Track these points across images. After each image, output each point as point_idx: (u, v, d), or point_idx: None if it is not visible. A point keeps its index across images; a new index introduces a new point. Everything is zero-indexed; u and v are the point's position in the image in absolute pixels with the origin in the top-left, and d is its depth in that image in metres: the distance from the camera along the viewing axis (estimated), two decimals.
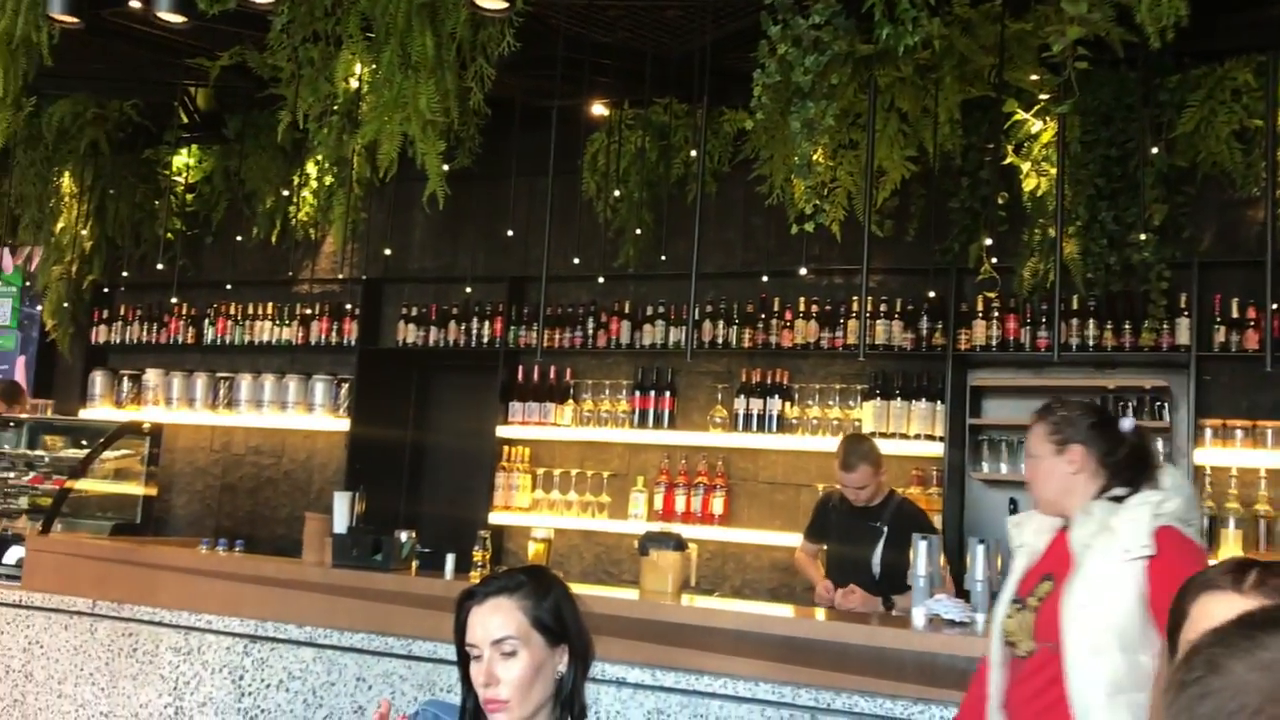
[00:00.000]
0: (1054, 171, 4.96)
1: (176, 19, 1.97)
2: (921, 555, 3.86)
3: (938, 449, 5.62)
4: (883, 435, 5.66)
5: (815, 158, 4.40)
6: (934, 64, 4.96)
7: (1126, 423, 2.73)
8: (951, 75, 5.07)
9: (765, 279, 5.96)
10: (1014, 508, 5.63)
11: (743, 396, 6.00)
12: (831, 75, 3.90)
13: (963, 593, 4.02)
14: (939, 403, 5.65)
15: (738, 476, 6.15)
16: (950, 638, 3.54)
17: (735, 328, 6.03)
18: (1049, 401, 2.78)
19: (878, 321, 5.71)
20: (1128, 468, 2.64)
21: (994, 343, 5.57)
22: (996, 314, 5.58)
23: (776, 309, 5.99)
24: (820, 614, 4.19)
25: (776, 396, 5.92)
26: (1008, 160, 5.44)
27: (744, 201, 6.19)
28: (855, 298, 5.83)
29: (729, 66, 5.34)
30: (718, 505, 6.03)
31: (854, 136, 5.35)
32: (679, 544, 4.19)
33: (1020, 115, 5.41)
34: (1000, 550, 3.98)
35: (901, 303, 5.75)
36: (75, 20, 2.11)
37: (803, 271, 5.62)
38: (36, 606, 4.90)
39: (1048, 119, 5.29)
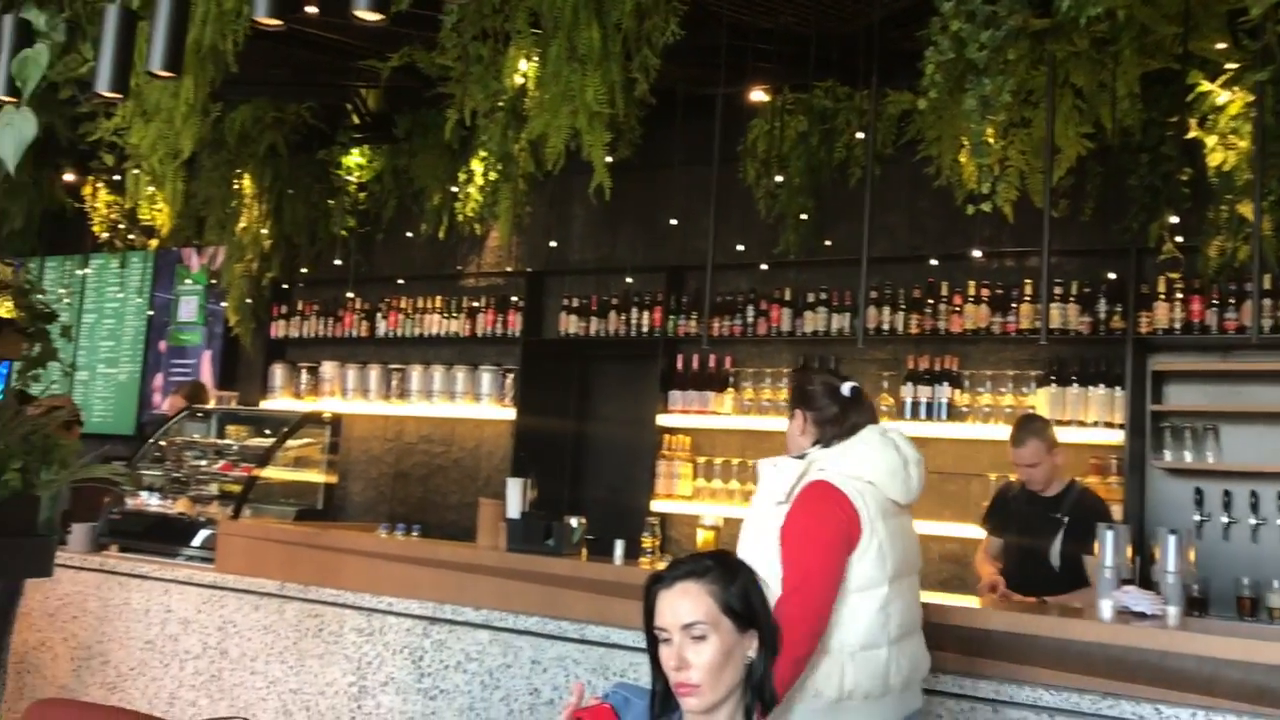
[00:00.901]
0: (1243, 145, 4.69)
1: (373, 16, 2.03)
2: (1108, 546, 3.71)
3: (1117, 436, 5.41)
4: (1059, 423, 5.45)
5: (987, 137, 4.27)
6: (1112, 36, 4.75)
7: (845, 388, 3.10)
8: (1131, 48, 4.84)
9: (934, 262, 5.82)
10: (1199, 498, 5.39)
11: (910, 384, 5.88)
12: (1008, 50, 3.77)
13: (1147, 584, 3.85)
14: (1118, 389, 5.43)
15: None
16: (1141, 630, 3.40)
17: (902, 313, 5.91)
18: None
19: (1053, 305, 5.51)
20: (832, 429, 3.01)
21: (1177, 325, 5.32)
22: (1180, 295, 5.32)
23: (945, 293, 5.85)
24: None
25: (945, 383, 5.79)
26: (1191, 134, 5.18)
27: (909, 184, 6.06)
28: (1028, 280, 5.65)
29: (893, 46, 5.23)
30: None
31: (1026, 114, 5.17)
32: None
33: (1205, 86, 5.14)
34: (1191, 541, 3.82)
35: (1078, 285, 5.55)
36: (278, 23, 2.20)
37: (976, 254, 5.48)
38: (229, 588, 5.16)
39: (1236, 89, 5.01)
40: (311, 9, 5.29)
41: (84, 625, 5.53)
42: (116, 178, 7.24)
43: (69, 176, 8.29)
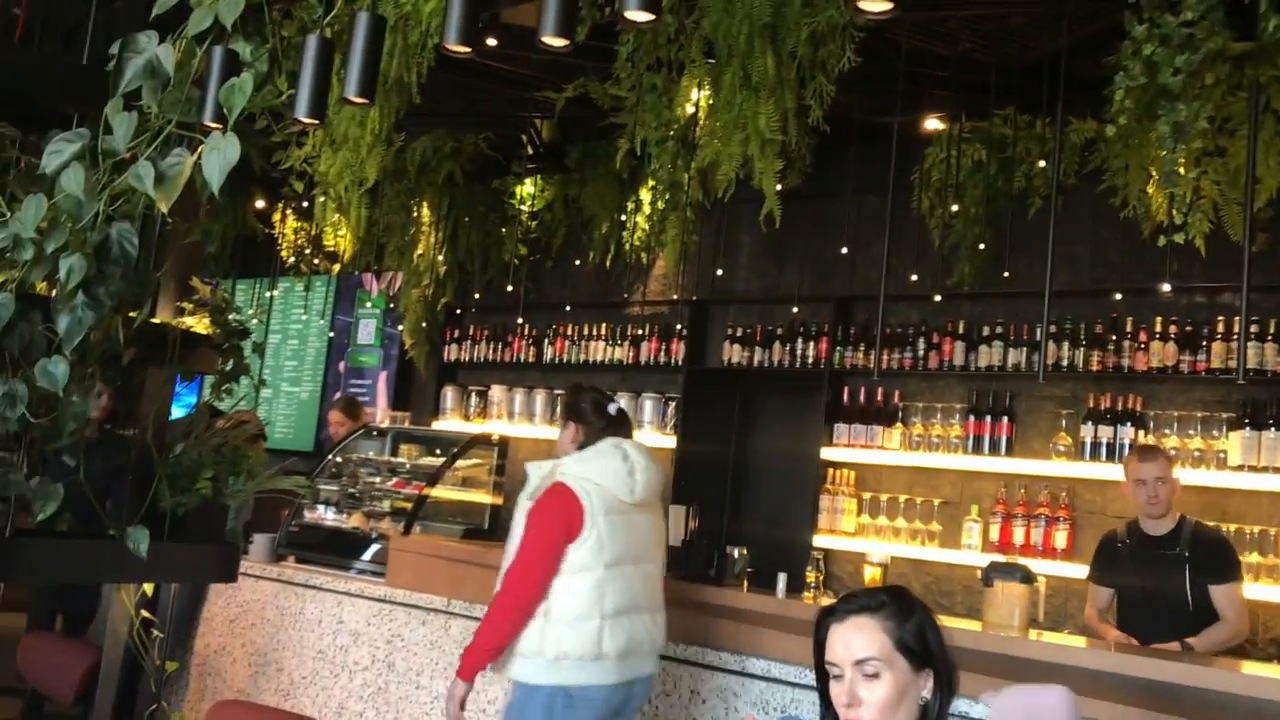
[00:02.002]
0: None
1: (559, 42, 2.07)
2: None
3: None
4: (1252, 469, 5.16)
5: (1179, 166, 4.07)
6: None
7: (612, 407, 3.79)
8: None
9: (1118, 297, 5.57)
10: None
11: (1090, 423, 5.62)
12: (1205, 75, 3.59)
13: None
14: None
15: (1083, 509, 5.77)
16: None
17: (1082, 349, 5.67)
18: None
19: (1249, 343, 5.20)
20: (588, 439, 3.70)
21: None
22: None
23: (1129, 329, 5.59)
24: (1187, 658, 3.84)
25: (1129, 424, 5.52)
26: None
27: (1091, 215, 5.83)
28: (1220, 317, 5.35)
29: (1078, 74, 5.05)
30: (1060, 538, 5.69)
31: (1221, 143, 4.92)
32: (1026, 576, 3.97)
33: None
34: None
35: (1276, 323, 5.22)
36: (467, 50, 2.27)
37: (1165, 288, 5.22)
38: (399, 602, 5.30)
39: None
40: (492, 41, 5.47)
41: (261, 633, 5.77)
42: (304, 205, 7.59)
43: (260, 203, 8.75)
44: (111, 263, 2.75)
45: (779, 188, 4.73)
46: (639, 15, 1.90)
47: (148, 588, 3.89)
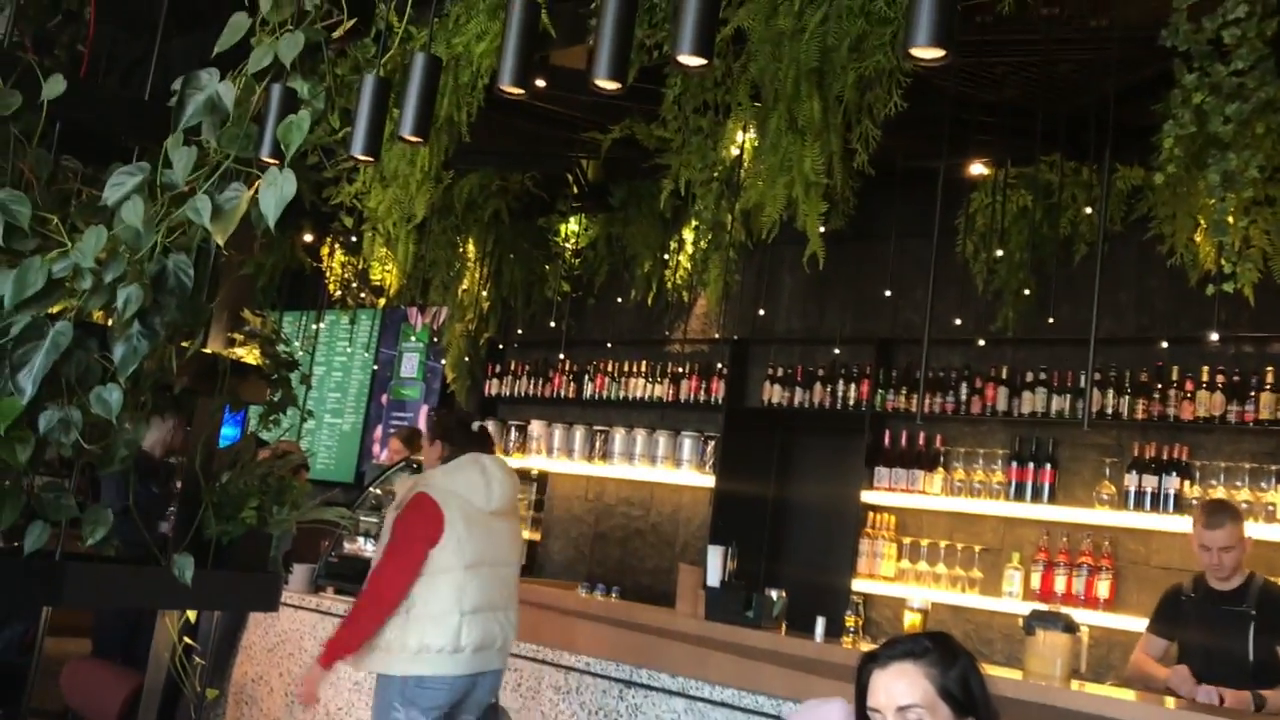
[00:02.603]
0: None
1: (612, 85, 2.10)
2: None
3: None
4: None
5: (1228, 216, 4.04)
6: None
7: (475, 425, 4.34)
8: None
9: (1164, 345, 5.52)
10: None
11: (1134, 472, 5.56)
12: (1256, 124, 3.57)
13: None
14: None
15: (1126, 559, 5.69)
16: None
17: (1127, 397, 5.62)
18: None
19: None
20: (450, 455, 4.14)
21: None
22: None
23: (1175, 378, 5.53)
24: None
25: (1174, 474, 5.45)
26: None
27: (1137, 262, 5.80)
28: (1270, 367, 5.29)
29: (1124, 121, 5.05)
30: (1103, 588, 5.61)
31: (1270, 192, 4.88)
32: (1069, 625, 3.92)
33: None
34: None
35: None
36: (521, 92, 2.31)
37: (1214, 337, 5.17)
38: None
39: None
40: (540, 82, 5.55)
41: (299, 663, 5.80)
42: (353, 239, 7.70)
43: (308, 238, 8.88)
44: (167, 293, 2.81)
45: (822, 229, 4.75)
46: (692, 60, 1.93)
47: (190, 614, 3.93)
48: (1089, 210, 5.69)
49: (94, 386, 2.81)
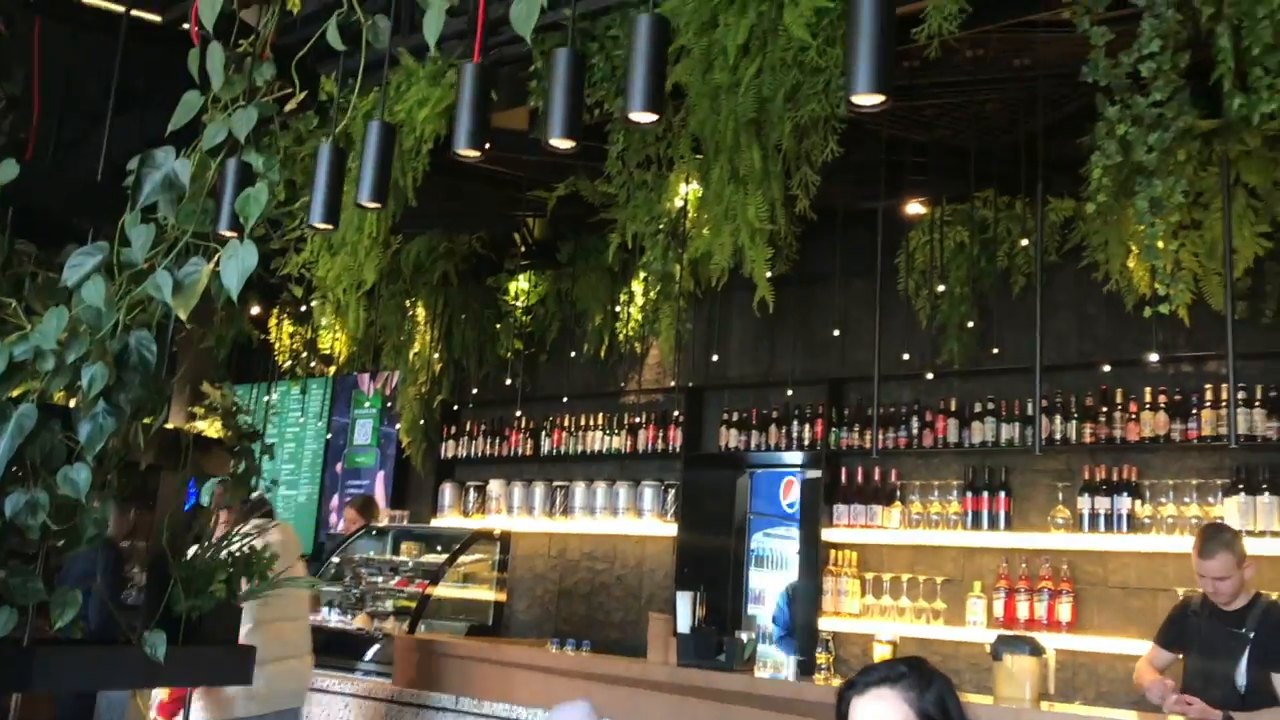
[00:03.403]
0: None
1: (566, 144, 2.18)
2: None
3: None
4: (1250, 534, 5.20)
5: (1158, 240, 4.20)
6: None
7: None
8: None
9: (1106, 369, 5.67)
10: None
11: (1086, 495, 5.69)
12: (1177, 152, 3.74)
13: None
14: None
15: (1085, 581, 5.80)
16: None
17: (1074, 422, 5.76)
18: None
19: (1239, 410, 5.29)
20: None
21: None
22: None
23: (1119, 401, 5.68)
24: None
25: (1125, 494, 5.58)
26: None
27: (1075, 290, 5.97)
28: (1209, 385, 5.46)
29: (1053, 154, 5.23)
30: (1064, 611, 5.70)
31: (1196, 216, 5.08)
32: (1035, 648, 3.99)
33: None
34: None
35: (1263, 389, 5.32)
36: (476, 154, 2.38)
37: (1153, 358, 5.33)
38: (407, 702, 5.27)
39: None
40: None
41: None
42: (302, 309, 7.70)
43: (255, 310, 8.86)
44: (131, 370, 2.83)
45: (769, 274, 4.85)
46: (643, 117, 2.01)
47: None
48: (1025, 242, 5.86)
49: (59, 467, 2.81)
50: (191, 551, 3.46)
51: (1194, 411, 5.46)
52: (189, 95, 2.89)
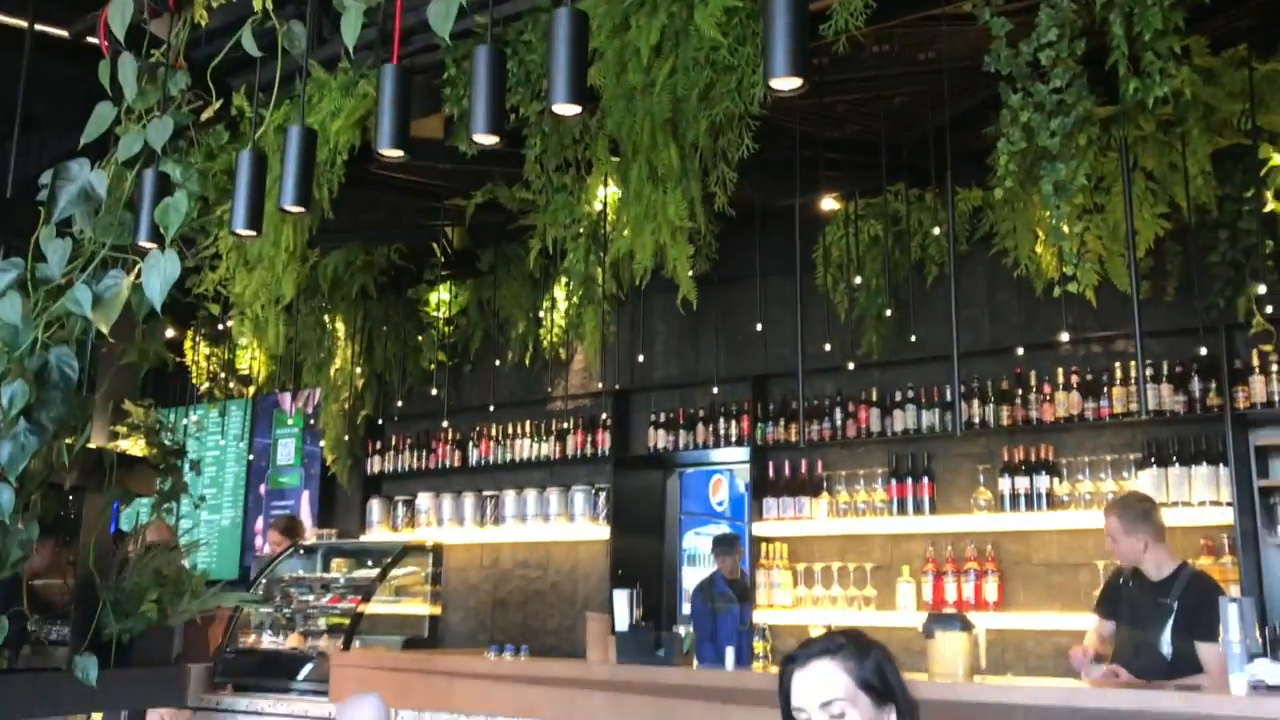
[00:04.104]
0: None
1: (490, 140, 2.20)
2: (1233, 621, 3.63)
3: (1226, 515, 5.30)
4: (1163, 505, 5.37)
5: (1063, 224, 4.34)
6: (1179, 118, 4.85)
7: None
8: (1199, 127, 4.93)
9: (1020, 352, 5.84)
10: None
11: (1007, 476, 5.84)
12: (1078, 136, 3.88)
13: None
14: (1221, 466, 5.34)
15: (1010, 560, 5.95)
16: None
17: (992, 406, 5.92)
18: None
19: (1147, 386, 5.48)
20: None
21: (1276, 399, 5.25)
22: (1276, 368, 5.27)
23: (1033, 383, 5.85)
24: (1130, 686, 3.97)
25: (1043, 473, 5.75)
26: (1269, 208, 5.20)
27: (986, 278, 6.14)
28: (1118, 364, 5.65)
29: (960, 145, 5.37)
30: (991, 591, 5.85)
31: (1099, 200, 5.27)
32: (965, 624, 4.09)
33: (1277, 160, 5.19)
34: None
35: (1169, 365, 5.53)
36: (400, 153, 2.39)
37: (1064, 337, 5.51)
38: None
39: None
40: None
41: None
42: (219, 328, 7.57)
43: (170, 332, 8.68)
44: (51, 388, 2.77)
45: (690, 274, 4.91)
46: (566, 109, 2.04)
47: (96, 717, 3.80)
48: (936, 231, 6.01)
49: None
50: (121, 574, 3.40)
51: (1105, 390, 5.65)
52: (102, 106, 2.85)
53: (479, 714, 4.80)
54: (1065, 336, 5.55)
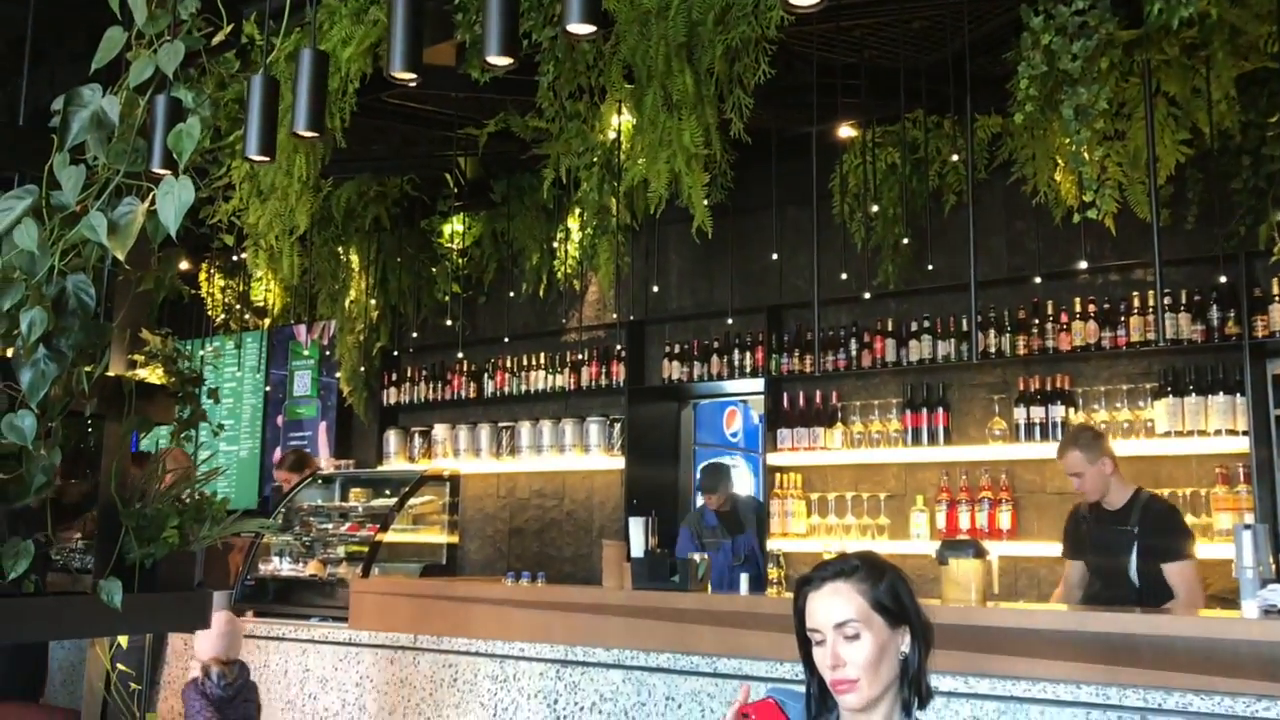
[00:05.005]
0: None
1: (505, 61, 2.17)
2: (1246, 546, 3.65)
3: (1242, 444, 5.29)
4: (1179, 434, 5.40)
5: (1084, 150, 4.29)
6: (1203, 41, 4.76)
7: None
8: (1223, 51, 4.83)
9: (1037, 281, 5.80)
10: None
11: (1022, 406, 5.84)
12: (1100, 60, 3.82)
13: None
14: (1238, 395, 5.33)
15: (1023, 489, 5.97)
16: None
17: (1008, 335, 5.89)
18: None
19: (1165, 315, 5.45)
20: None
21: None
22: None
23: (1050, 312, 5.82)
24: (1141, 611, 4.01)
25: (1059, 403, 5.73)
26: None
27: (1004, 206, 6.08)
28: (1135, 293, 5.61)
29: (979, 72, 5.30)
30: (1004, 519, 5.88)
31: (1119, 126, 5.19)
32: (978, 551, 4.11)
33: None
34: None
35: (1187, 293, 5.48)
36: (412, 77, 2.36)
37: (1082, 265, 5.47)
38: (364, 644, 5.29)
39: None
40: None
41: None
42: (234, 259, 7.57)
43: (184, 265, 8.69)
44: (69, 315, 2.78)
45: (705, 203, 4.88)
46: (581, 28, 2.01)
47: (122, 641, 3.87)
48: (955, 158, 5.94)
49: (1, 417, 2.76)
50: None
51: (1122, 319, 5.61)
52: (112, 31, 2.81)
53: (497, 639, 4.88)
54: (1083, 265, 5.50)
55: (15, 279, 2.72)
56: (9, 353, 2.87)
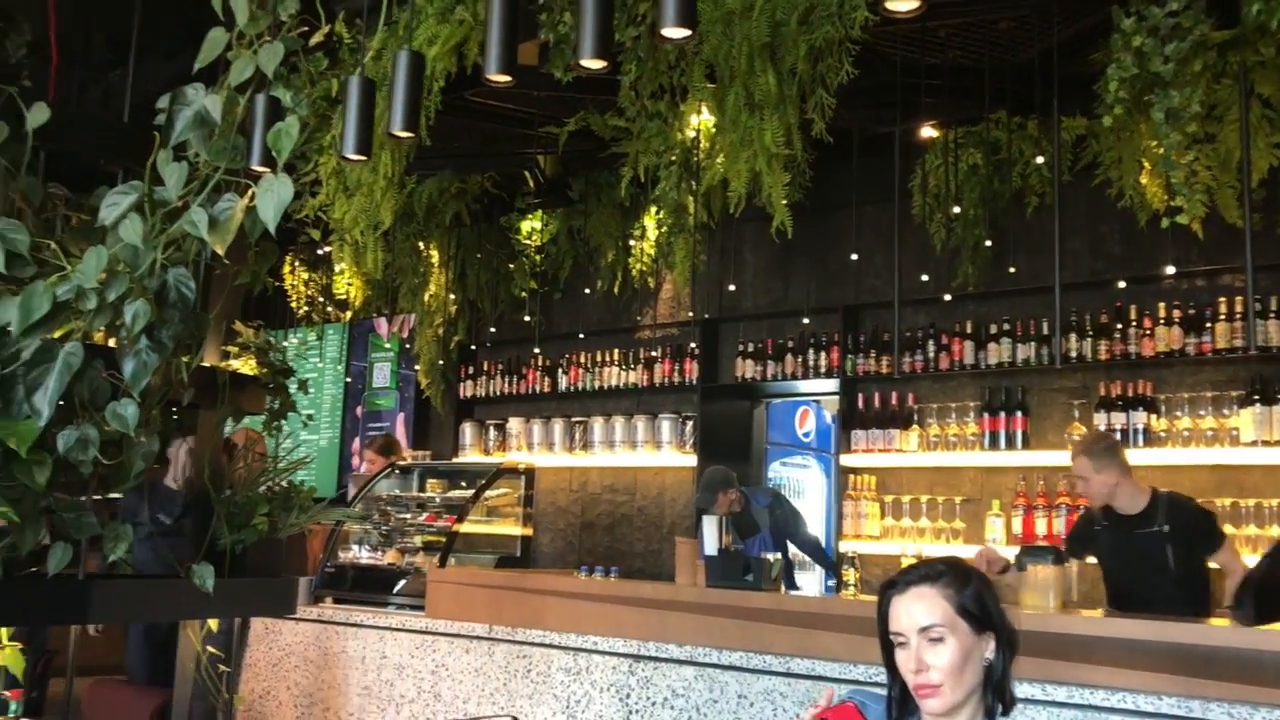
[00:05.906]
0: None
1: (598, 64, 2.21)
2: None
3: None
4: (1266, 444, 5.28)
5: (1174, 154, 4.21)
6: None
7: None
8: None
9: (1120, 285, 5.70)
10: None
11: (1102, 411, 5.75)
12: (1194, 62, 3.75)
13: None
14: None
15: None
16: None
17: (1090, 339, 5.80)
18: None
19: (1254, 321, 5.32)
20: None
21: None
22: None
23: (1133, 317, 5.72)
24: (1227, 622, 3.94)
25: (1141, 409, 5.64)
26: None
27: (1088, 209, 5.99)
28: (1222, 299, 5.49)
29: (1065, 73, 5.22)
30: None
31: (1210, 129, 5.08)
32: (1058, 557, 4.08)
33: None
34: None
35: (1277, 300, 5.36)
36: (508, 79, 2.41)
37: (1169, 270, 5.36)
38: (440, 632, 5.38)
39: None
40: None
41: (305, 674, 5.84)
42: (319, 252, 7.73)
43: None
44: (170, 307, 2.87)
45: (785, 202, 4.87)
46: (675, 32, 2.03)
47: (212, 624, 3.98)
48: (1040, 160, 5.86)
49: (104, 405, 2.86)
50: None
51: (1208, 325, 5.50)
52: (215, 32, 2.90)
53: (570, 632, 4.93)
54: (1170, 269, 5.40)
55: (120, 272, 2.83)
56: (111, 342, 2.98)
